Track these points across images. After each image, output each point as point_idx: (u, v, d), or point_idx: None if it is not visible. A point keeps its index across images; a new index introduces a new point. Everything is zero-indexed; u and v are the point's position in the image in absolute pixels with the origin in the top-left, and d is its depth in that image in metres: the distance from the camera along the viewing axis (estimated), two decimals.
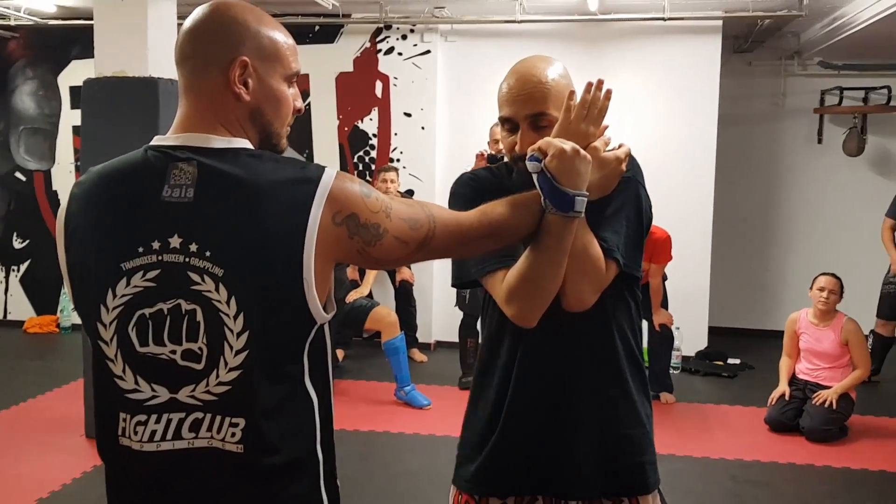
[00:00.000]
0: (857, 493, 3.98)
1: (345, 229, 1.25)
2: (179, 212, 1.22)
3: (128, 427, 1.24)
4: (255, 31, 1.30)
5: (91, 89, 4.32)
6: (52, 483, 3.86)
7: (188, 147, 1.26)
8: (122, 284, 1.23)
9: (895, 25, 5.59)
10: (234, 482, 1.24)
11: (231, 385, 1.21)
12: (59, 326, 7.08)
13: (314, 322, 1.26)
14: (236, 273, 1.20)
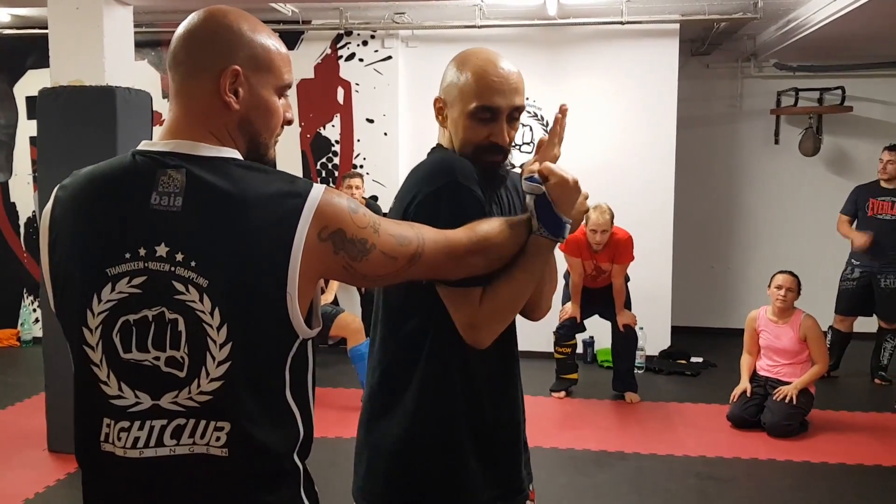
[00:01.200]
0: (817, 486, 4.06)
1: (330, 245, 1.25)
2: (167, 220, 1.22)
3: (111, 433, 1.24)
4: (250, 40, 1.30)
5: (47, 99, 4.26)
6: (15, 498, 3.81)
7: (177, 154, 1.25)
8: (108, 290, 1.22)
9: (847, 27, 5.73)
10: (217, 488, 1.25)
11: (212, 395, 1.22)
12: (20, 340, 6.97)
13: (297, 336, 1.27)
14: (221, 285, 1.21)
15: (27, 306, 7.03)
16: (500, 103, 1.63)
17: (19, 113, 6.99)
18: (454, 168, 1.59)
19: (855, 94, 7.14)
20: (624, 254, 5.30)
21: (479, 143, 1.66)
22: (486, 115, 1.63)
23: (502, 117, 1.64)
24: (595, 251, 5.25)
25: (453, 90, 1.66)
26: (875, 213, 5.80)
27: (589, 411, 5.29)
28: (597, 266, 5.35)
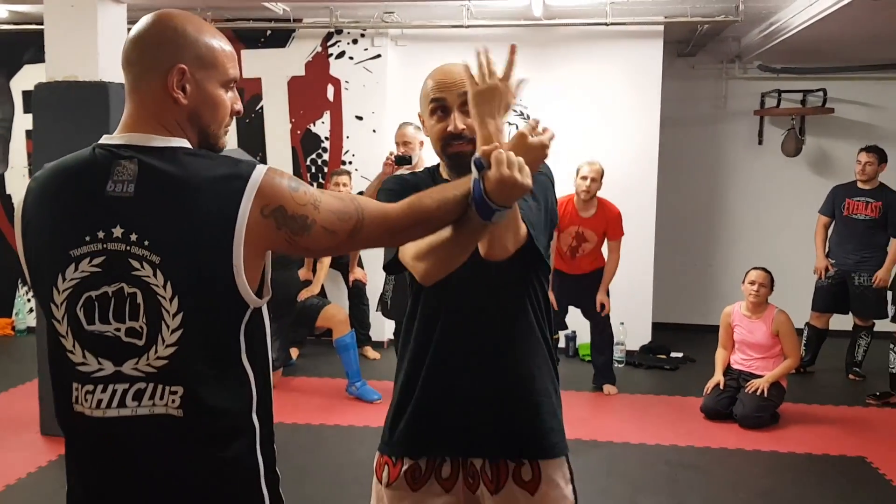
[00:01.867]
0: (783, 474, 4.21)
1: (272, 221, 1.38)
2: (122, 205, 1.36)
3: (80, 395, 1.38)
4: (194, 40, 1.43)
5: (42, 93, 4.40)
6: (8, 477, 3.95)
7: (131, 146, 1.39)
8: (71, 269, 1.37)
9: (826, 30, 5.87)
10: (175, 443, 1.38)
11: (168, 359, 1.36)
12: (15, 329, 7.11)
13: (247, 306, 1.40)
14: (172, 261, 1.35)
15: (21, 296, 7.16)
16: (446, 95, 1.82)
17: (15, 107, 7.12)
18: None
19: (837, 96, 7.29)
20: (616, 227, 5.41)
21: (441, 137, 1.83)
22: (439, 111, 1.82)
23: (453, 108, 1.81)
24: (583, 200, 5.31)
25: (422, 99, 1.88)
26: (850, 212, 5.95)
27: (567, 402, 5.31)
28: (579, 234, 5.36)
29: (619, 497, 3.88)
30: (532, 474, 1.86)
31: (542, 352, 1.92)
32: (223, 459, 1.42)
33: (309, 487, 3.84)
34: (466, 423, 1.87)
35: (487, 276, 1.82)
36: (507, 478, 1.87)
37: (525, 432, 1.87)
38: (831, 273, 6.00)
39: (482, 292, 1.85)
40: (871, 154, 5.93)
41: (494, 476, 1.87)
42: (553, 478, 1.88)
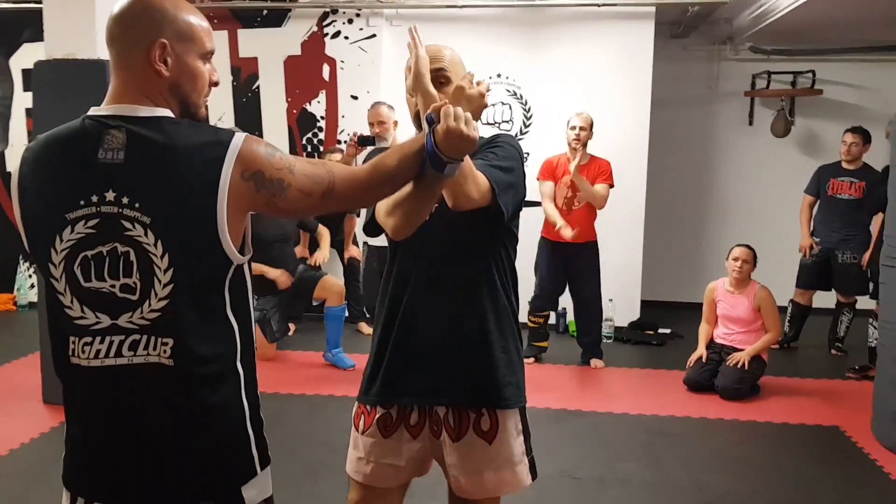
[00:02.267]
0: (758, 442, 4.36)
1: (252, 184, 1.50)
2: (112, 171, 1.47)
3: (76, 348, 1.51)
4: (173, 15, 1.53)
5: (41, 72, 4.51)
6: (12, 442, 4.10)
7: (118, 116, 1.51)
8: (68, 231, 1.49)
9: (814, 12, 5.99)
10: (168, 389, 1.51)
11: (161, 312, 1.49)
12: (17, 304, 7.26)
13: (230, 262, 1.53)
14: (161, 221, 1.47)
15: (23, 272, 7.30)
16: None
17: (15, 85, 7.23)
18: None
19: (825, 77, 7.41)
20: (607, 173, 5.48)
21: (415, 110, 1.99)
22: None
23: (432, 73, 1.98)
24: (573, 149, 5.36)
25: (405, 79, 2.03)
26: (835, 192, 6.07)
27: (555, 375, 5.58)
28: (573, 184, 5.41)
29: (597, 462, 4.02)
30: (490, 424, 2.03)
31: (506, 315, 2.09)
32: (211, 403, 1.55)
33: (303, 452, 3.98)
34: (432, 374, 2.04)
35: (456, 242, 2.01)
36: (468, 427, 2.03)
37: (485, 383, 2.04)
38: (815, 251, 6.12)
39: (450, 256, 2.03)
40: (856, 135, 6.04)
41: (456, 424, 2.04)
42: (507, 427, 2.06)
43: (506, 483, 2.07)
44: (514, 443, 2.08)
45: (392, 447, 2.08)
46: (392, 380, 2.07)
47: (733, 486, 3.79)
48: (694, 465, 4.03)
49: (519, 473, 2.08)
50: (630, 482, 3.80)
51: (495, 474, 2.05)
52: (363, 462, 2.10)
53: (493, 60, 6.73)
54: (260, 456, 1.62)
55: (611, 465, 3.99)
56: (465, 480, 2.05)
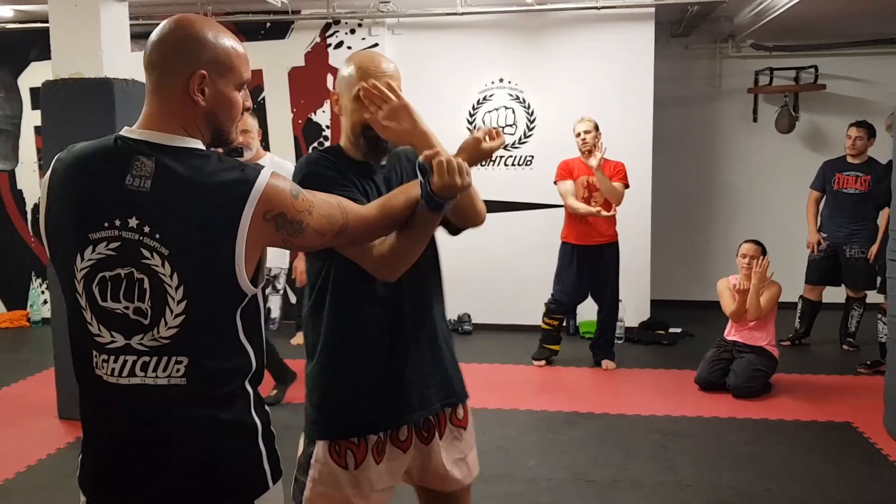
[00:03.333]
0: (770, 439, 4.37)
1: (273, 224, 1.54)
2: (138, 199, 1.49)
3: (98, 361, 1.55)
4: (213, 45, 1.55)
5: (49, 91, 4.56)
6: (30, 458, 4.14)
7: (150, 143, 1.54)
8: (89, 251, 1.52)
9: (815, 7, 5.99)
10: (181, 407, 1.55)
11: (170, 339, 1.52)
12: (30, 320, 7.32)
13: (244, 294, 1.57)
14: (179, 254, 1.50)
15: (35, 288, 7.36)
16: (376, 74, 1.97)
17: (24, 103, 7.30)
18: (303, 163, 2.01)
19: (828, 72, 7.41)
20: (622, 174, 5.57)
21: (362, 122, 1.97)
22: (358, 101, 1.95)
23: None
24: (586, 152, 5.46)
25: (343, 82, 2.02)
26: (841, 187, 6.07)
27: (566, 377, 5.60)
28: (590, 184, 5.52)
29: (611, 464, 4.03)
30: (462, 413, 2.19)
31: (444, 311, 2.21)
32: (224, 419, 1.58)
33: None
34: (424, 385, 2.08)
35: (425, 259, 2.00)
36: (446, 421, 2.16)
37: (454, 380, 2.17)
38: (823, 246, 6.12)
39: (420, 273, 2.02)
40: (860, 129, 6.04)
41: (439, 423, 2.14)
42: (469, 413, 2.23)
43: (476, 463, 2.23)
44: (472, 427, 2.24)
45: (385, 470, 2.04)
46: (392, 403, 2.03)
47: (746, 485, 3.80)
48: (707, 465, 4.04)
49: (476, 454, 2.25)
50: (643, 484, 3.82)
51: (472, 454, 2.21)
52: (361, 497, 2.01)
53: (495, 66, 6.77)
54: (272, 470, 1.65)
55: (624, 467, 4.00)
56: (456, 470, 2.15)
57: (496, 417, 4.73)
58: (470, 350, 6.27)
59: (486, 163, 6.72)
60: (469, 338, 6.71)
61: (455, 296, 6.28)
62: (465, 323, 6.83)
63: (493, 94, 6.82)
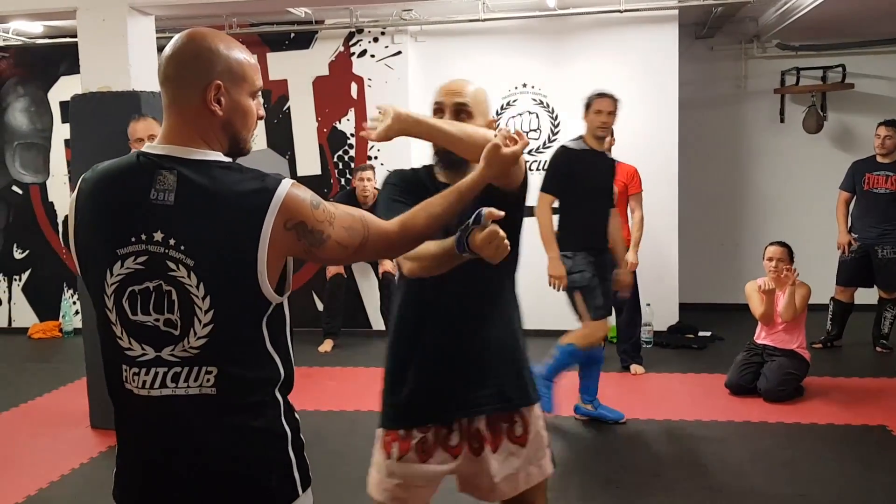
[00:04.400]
0: (803, 444, 4.32)
1: (294, 233, 1.56)
2: (162, 212, 1.52)
3: (128, 375, 1.58)
4: (226, 56, 1.59)
5: (78, 104, 4.63)
6: (63, 468, 4.20)
7: (171, 157, 1.57)
8: (118, 266, 1.55)
9: (841, 6, 5.93)
10: (212, 416, 1.57)
11: (199, 349, 1.55)
12: (62, 331, 7.41)
13: (269, 302, 1.59)
14: (204, 264, 1.53)
15: (67, 299, 7.45)
16: (444, 100, 2.18)
17: (54, 117, 7.41)
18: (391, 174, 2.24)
19: (856, 71, 7.32)
20: (636, 182, 5.60)
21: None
22: (437, 112, 2.15)
23: (446, 112, 2.12)
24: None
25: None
26: (871, 187, 6.00)
27: None
28: None
29: (641, 470, 4.01)
30: (522, 429, 2.16)
31: (518, 317, 2.25)
32: (255, 427, 1.60)
33: (344, 469, 4.01)
34: (471, 386, 2.11)
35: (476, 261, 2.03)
36: (502, 436, 2.14)
37: (511, 388, 2.17)
38: (854, 247, 6.05)
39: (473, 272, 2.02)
40: (889, 128, 5.98)
41: (493, 436, 2.14)
42: (537, 421, 2.22)
43: (534, 476, 2.21)
44: (543, 432, 2.23)
45: (429, 471, 2.12)
46: (429, 398, 2.10)
47: (779, 490, 3.75)
48: (739, 471, 4.00)
49: (544, 466, 2.24)
50: (674, 489, 3.79)
51: (527, 470, 2.19)
52: (401, 488, 2.15)
53: (518, 71, 6.77)
54: (301, 478, 1.66)
55: (655, 473, 3.97)
56: (505, 484, 2.17)
57: None
58: None
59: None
60: None
61: None
62: None
63: (516, 100, 6.82)
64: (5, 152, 7.54)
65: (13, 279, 7.60)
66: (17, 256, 7.58)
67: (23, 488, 3.96)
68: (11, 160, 7.53)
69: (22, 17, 5.47)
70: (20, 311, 7.61)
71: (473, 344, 2.11)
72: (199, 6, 5.11)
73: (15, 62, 7.45)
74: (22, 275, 7.59)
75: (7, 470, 4.26)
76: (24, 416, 5.14)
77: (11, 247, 7.58)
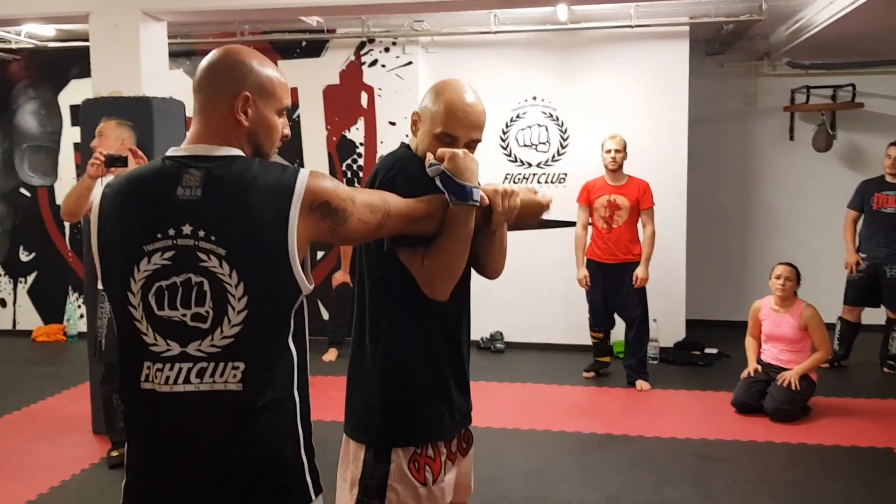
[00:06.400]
0: (810, 465, 4.28)
1: (318, 214, 1.61)
2: (190, 206, 1.57)
3: (150, 373, 1.59)
4: (258, 71, 1.66)
5: (89, 108, 4.63)
6: (64, 473, 4.17)
7: (196, 156, 1.62)
8: (145, 262, 1.57)
9: (852, 26, 5.90)
10: (232, 414, 1.58)
11: (234, 338, 1.56)
12: (66, 334, 7.40)
13: (300, 291, 1.62)
14: (236, 252, 1.56)
15: (72, 303, 7.45)
16: (460, 134, 1.98)
17: (63, 120, 7.42)
18: (402, 158, 2.02)
19: (866, 90, 7.31)
20: (647, 195, 5.64)
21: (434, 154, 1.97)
22: (447, 140, 1.97)
23: (459, 144, 1.97)
24: (611, 171, 5.60)
25: (427, 112, 2.02)
26: (880, 206, 5.98)
27: (600, 398, 5.55)
28: (612, 202, 5.61)
29: (645, 488, 3.97)
30: (469, 438, 2.21)
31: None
32: (271, 428, 1.61)
33: None
34: (467, 391, 2.14)
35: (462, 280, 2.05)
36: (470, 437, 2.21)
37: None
38: (863, 267, 6.03)
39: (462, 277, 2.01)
40: None
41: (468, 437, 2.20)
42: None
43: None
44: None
45: (450, 483, 2.10)
46: (453, 412, 2.08)
47: None
48: (743, 490, 3.97)
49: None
50: None
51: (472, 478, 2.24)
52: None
53: (528, 84, 6.77)
54: (314, 483, 1.67)
55: (658, 491, 3.94)
56: (469, 483, 2.20)
57: (529, 438, 4.69)
58: (502, 369, 6.23)
59: (519, 181, 6.78)
60: (501, 356, 6.66)
61: (487, 314, 6.35)
62: (498, 341, 6.79)
63: (526, 112, 6.82)
64: (14, 154, 7.55)
65: (19, 281, 7.60)
66: (23, 259, 7.58)
67: (24, 493, 3.94)
68: (20, 162, 7.55)
69: (35, 20, 5.49)
70: (25, 313, 7.61)
71: (466, 350, 2.13)
72: (212, 13, 5.11)
73: (26, 65, 7.48)
74: (27, 277, 7.59)
75: (8, 474, 4.24)
76: (25, 421, 5.12)
77: (18, 249, 7.58)
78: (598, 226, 5.70)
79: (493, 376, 6.01)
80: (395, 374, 2.00)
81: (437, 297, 1.92)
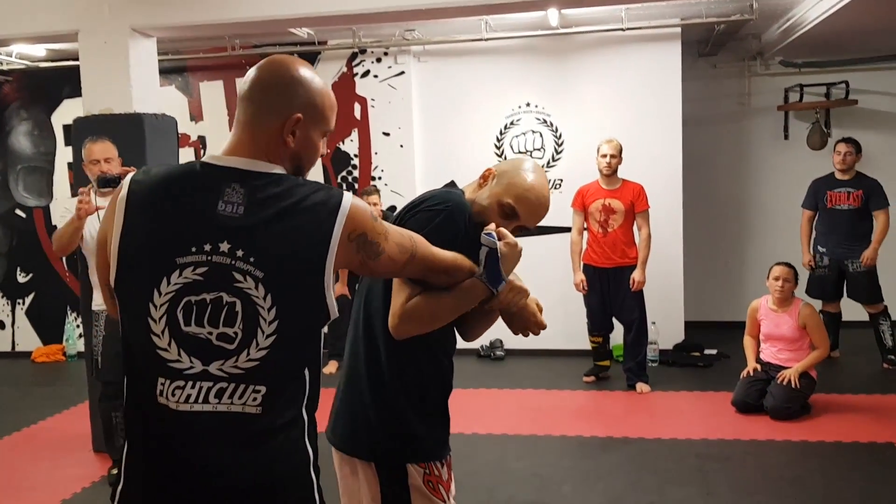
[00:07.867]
0: (811, 462, 4.27)
1: (355, 245, 1.58)
2: (231, 224, 1.52)
3: (165, 389, 1.54)
4: (313, 93, 1.62)
5: (81, 127, 4.63)
6: (65, 492, 4.17)
7: (239, 170, 1.56)
8: (176, 275, 1.52)
9: (842, 23, 5.91)
10: (245, 436, 1.54)
11: (259, 361, 1.53)
12: (66, 354, 7.39)
13: (329, 317, 1.60)
14: (274, 276, 1.52)
15: (71, 322, 7.44)
16: (523, 216, 2.04)
17: (57, 140, 7.42)
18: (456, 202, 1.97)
19: (859, 87, 7.30)
20: (642, 198, 5.64)
21: (487, 222, 1.98)
22: (508, 212, 2.02)
23: (515, 222, 2.04)
24: (606, 176, 5.63)
25: (506, 177, 2.04)
26: (834, 204, 6.14)
27: (600, 401, 5.53)
28: (606, 206, 5.62)
29: (647, 489, 3.96)
30: None
31: None
32: (284, 447, 1.59)
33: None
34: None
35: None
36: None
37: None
38: (825, 262, 6.16)
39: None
40: (849, 144, 6.19)
41: None
42: None
43: None
44: None
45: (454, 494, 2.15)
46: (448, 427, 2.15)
47: None
48: (746, 489, 3.96)
49: None
50: None
51: None
52: None
53: (521, 90, 6.77)
54: (321, 503, 1.65)
55: (661, 492, 3.92)
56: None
57: (530, 443, 4.68)
58: (502, 376, 6.23)
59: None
60: (501, 363, 6.66)
61: None
62: (498, 349, 6.78)
63: (520, 119, 6.82)
64: (9, 176, 7.56)
65: (17, 303, 7.59)
66: (20, 280, 7.57)
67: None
68: (15, 184, 7.55)
69: (24, 40, 5.49)
70: (24, 334, 7.60)
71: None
72: (202, 28, 5.12)
73: (18, 86, 7.48)
74: (25, 298, 7.58)
75: (9, 495, 4.22)
76: (26, 441, 5.11)
77: (15, 270, 7.58)
78: (594, 230, 5.71)
79: (494, 383, 6.00)
80: (409, 393, 2.01)
81: (397, 332, 1.90)
